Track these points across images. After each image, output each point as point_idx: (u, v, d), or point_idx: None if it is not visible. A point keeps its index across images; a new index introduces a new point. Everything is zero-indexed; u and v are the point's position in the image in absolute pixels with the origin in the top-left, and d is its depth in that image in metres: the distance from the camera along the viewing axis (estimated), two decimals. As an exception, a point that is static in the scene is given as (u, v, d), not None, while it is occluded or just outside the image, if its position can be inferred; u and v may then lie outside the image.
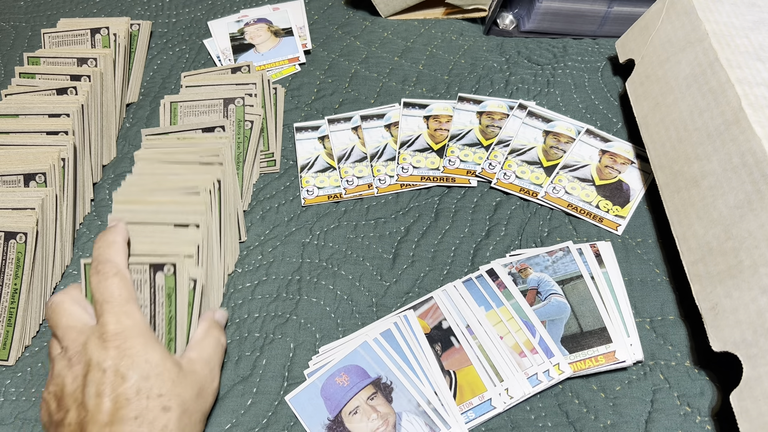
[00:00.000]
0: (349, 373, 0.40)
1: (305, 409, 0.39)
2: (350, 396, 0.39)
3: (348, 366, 0.40)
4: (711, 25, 0.43)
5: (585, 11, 0.56)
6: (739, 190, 0.36)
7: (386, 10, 0.62)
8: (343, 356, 0.40)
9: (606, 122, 0.52)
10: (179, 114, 0.51)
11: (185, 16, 0.64)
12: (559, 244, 0.44)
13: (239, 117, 0.49)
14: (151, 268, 0.39)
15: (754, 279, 0.34)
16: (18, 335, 0.42)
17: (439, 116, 0.53)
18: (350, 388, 0.39)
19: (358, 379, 0.39)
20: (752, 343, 0.33)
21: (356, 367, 0.40)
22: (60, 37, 0.57)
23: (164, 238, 0.40)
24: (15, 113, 0.49)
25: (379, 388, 0.39)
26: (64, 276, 0.46)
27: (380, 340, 0.41)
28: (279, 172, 0.51)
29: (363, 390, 0.39)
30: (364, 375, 0.39)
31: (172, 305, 0.39)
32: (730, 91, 0.39)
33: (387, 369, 0.40)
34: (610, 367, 0.39)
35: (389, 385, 0.39)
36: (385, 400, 0.38)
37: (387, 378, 0.39)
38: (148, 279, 0.39)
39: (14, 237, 0.42)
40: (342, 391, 0.39)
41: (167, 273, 0.39)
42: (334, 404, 0.39)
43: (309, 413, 0.39)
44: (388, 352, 0.40)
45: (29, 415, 0.40)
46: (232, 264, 0.46)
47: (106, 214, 0.49)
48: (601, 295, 0.41)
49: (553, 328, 0.40)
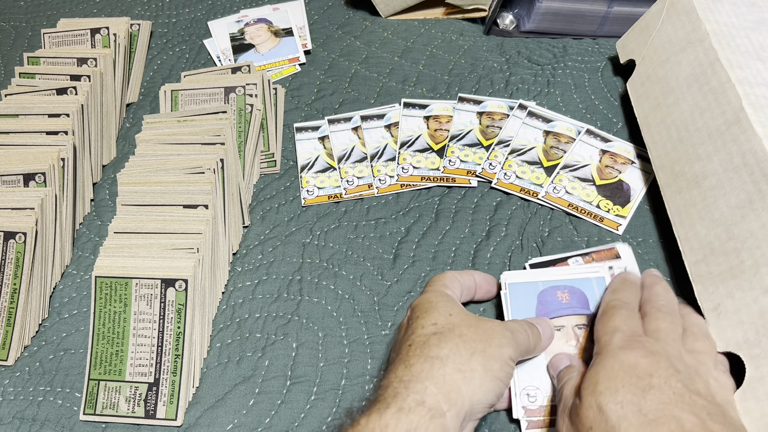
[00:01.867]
0: (573, 294, 0.40)
1: (515, 295, 0.40)
2: (563, 314, 0.39)
3: (574, 288, 0.40)
4: (711, 25, 0.43)
5: (585, 11, 0.56)
6: (741, 190, 0.36)
7: (386, 10, 0.62)
8: (575, 278, 0.40)
9: (606, 122, 0.52)
10: (180, 102, 0.51)
11: (185, 16, 0.64)
12: (591, 266, 0.43)
13: (240, 106, 0.49)
14: (162, 284, 0.39)
15: (756, 279, 0.34)
16: (17, 335, 0.42)
17: (440, 116, 0.53)
18: (568, 307, 0.39)
19: (578, 304, 0.39)
20: (755, 344, 0.33)
21: (581, 293, 0.40)
22: (60, 37, 0.57)
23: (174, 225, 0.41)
24: (15, 113, 0.49)
25: (590, 323, 0.38)
26: (63, 276, 0.46)
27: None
28: (279, 173, 0.51)
29: (577, 316, 0.39)
30: (585, 304, 0.40)
31: (182, 321, 0.39)
32: (730, 91, 0.39)
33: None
34: None
35: None
36: (588, 334, 0.38)
37: None
38: (159, 294, 0.39)
39: (13, 237, 0.42)
40: (558, 305, 0.39)
41: (179, 289, 0.39)
42: (544, 311, 0.39)
43: (517, 301, 0.40)
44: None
45: (27, 415, 0.40)
46: (236, 244, 0.46)
47: (106, 214, 0.49)
48: None
49: None
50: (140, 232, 0.42)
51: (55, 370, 0.42)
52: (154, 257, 0.41)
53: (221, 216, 0.44)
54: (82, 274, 0.46)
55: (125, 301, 0.40)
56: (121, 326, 0.40)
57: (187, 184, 0.43)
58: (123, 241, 0.42)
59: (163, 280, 0.40)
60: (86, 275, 0.46)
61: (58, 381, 0.41)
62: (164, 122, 0.48)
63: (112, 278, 0.40)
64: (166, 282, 0.40)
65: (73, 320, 0.44)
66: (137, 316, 0.40)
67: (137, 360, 0.39)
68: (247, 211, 0.48)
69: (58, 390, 0.41)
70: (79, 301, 0.45)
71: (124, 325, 0.40)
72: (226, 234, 0.45)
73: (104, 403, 0.39)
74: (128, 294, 0.40)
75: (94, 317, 0.40)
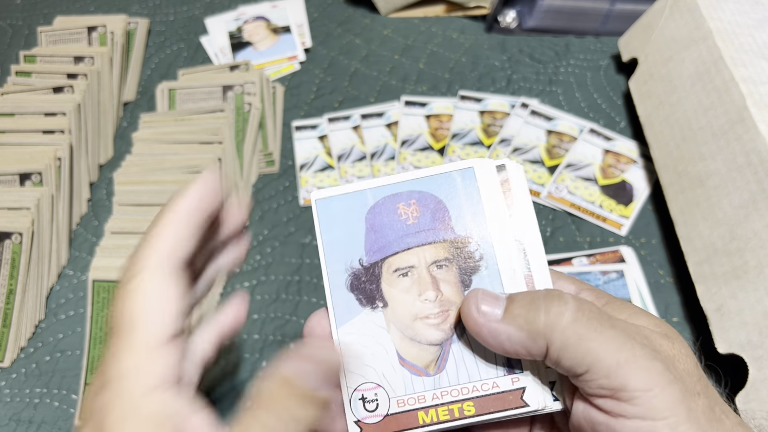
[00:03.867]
0: (424, 206, 0.24)
1: (329, 219, 0.24)
2: (411, 244, 0.23)
3: (425, 194, 0.24)
4: (715, 22, 0.42)
5: (587, 9, 0.56)
6: (744, 190, 0.36)
7: (386, 7, 0.61)
8: (422, 176, 0.24)
9: (609, 121, 0.52)
10: (177, 101, 0.50)
11: (183, 14, 0.63)
12: (614, 265, 0.42)
13: (238, 104, 0.49)
14: None
15: (759, 280, 0.34)
16: (13, 336, 0.41)
17: (440, 115, 0.53)
18: (417, 231, 0.23)
19: (434, 223, 0.24)
20: (758, 345, 0.33)
21: (438, 202, 0.24)
22: (56, 35, 0.56)
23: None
24: (11, 112, 0.49)
25: (458, 255, 0.23)
26: (60, 277, 0.46)
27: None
28: (278, 173, 0.51)
29: (433, 245, 0.23)
30: (445, 221, 0.24)
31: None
32: (734, 90, 0.38)
33: (486, 230, 0.23)
34: None
35: (476, 259, 0.23)
36: (458, 278, 0.23)
37: (479, 245, 0.23)
38: None
39: (9, 237, 0.42)
40: (401, 229, 0.24)
41: None
42: (379, 244, 0.24)
43: (334, 238, 0.24)
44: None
45: (24, 417, 0.39)
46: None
47: (103, 213, 0.49)
48: None
49: None
50: (137, 232, 0.42)
51: (52, 372, 0.41)
52: None
53: None
54: (78, 275, 0.46)
55: None
56: None
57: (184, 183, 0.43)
58: (120, 242, 0.42)
59: None
60: (83, 276, 0.45)
61: (55, 383, 0.41)
62: (161, 121, 0.47)
63: (110, 282, 0.40)
64: None
65: (69, 321, 0.43)
66: None
67: None
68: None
69: (55, 392, 0.40)
70: (75, 303, 0.44)
71: None
72: None
73: None
74: None
75: (91, 321, 0.40)
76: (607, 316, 0.21)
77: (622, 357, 0.20)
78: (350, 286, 0.24)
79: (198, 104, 0.50)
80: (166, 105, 0.50)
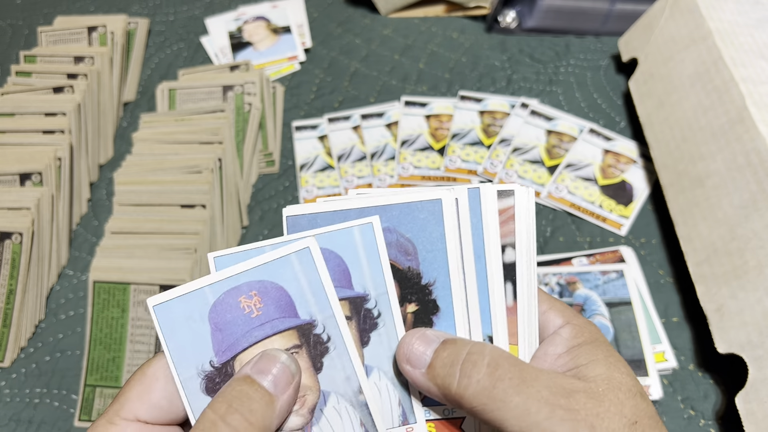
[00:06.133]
0: (265, 295, 0.23)
1: (175, 334, 0.22)
2: (258, 337, 0.23)
3: (266, 283, 0.23)
4: (715, 23, 0.42)
5: (587, 9, 0.56)
6: (744, 190, 0.36)
7: (386, 7, 0.61)
8: (261, 263, 0.23)
9: (609, 121, 0.52)
10: (177, 101, 0.50)
11: (183, 14, 0.63)
12: (614, 265, 0.42)
13: (238, 104, 0.49)
14: (161, 290, 0.39)
15: (759, 280, 0.34)
16: (13, 336, 0.42)
17: (440, 115, 0.53)
18: (261, 322, 0.23)
19: (278, 312, 0.23)
20: (758, 345, 0.33)
21: (279, 290, 0.23)
22: (57, 35, 0.56)
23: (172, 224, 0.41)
24: (11, 112, 0.49)
25: (306, 340, 0.23)
26: (60, 277, 0.46)
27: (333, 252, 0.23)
28: (278, 173, 0.51)
29: (281, 334, 0.23)
30: (289, 309, 0.23)
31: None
32: (734, 90, 0.38)
33: (329, 310, 0.23)
34: None
35: (324, 341, 0.23)
36: (310, 362, 0.23)
37: (324, 326, 0.23)
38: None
39: (10, 237, 0.42)
40: (246, 324, 0.23)
41: None
42: (227, 343, 0.23)
43: (181, 343, 0.22)
44: (342, 277, 0.23)
45: (24, 417, 0.39)
46: (234, 245, 0.45)
47: (103, 213, 0.49)
48: (648, 328, 0.40)
49: None
50: (137, 232, 0.42)
51: (52, 372, 0.41)
52: (151, 258, 0.40)
53: (219, 216, 0.44)
54: (78, 275, 0.46)
55: (123, 306, 0.40)
56: (119, 332, 0.40)
57: (184, 183, 0.43)
58: (120, 242, 0.42)
59: (161, 286, 0.39)
60: (83, 276, 0.45)
61: (55, 383, 0.41)
62: (162, 121, 0.47)
63: (110, 283, 0.40)
64: (165, 288, 0.39)
65: (69, 322, 0.43)
66: (135, 322, 0.39)
67: (134, 366, 0.39)
68: (245, 211, 0.47)
69: (55, 392, 0.40)
70: (75, 303, 0.44)
71: (121, 331, 0.40)
72: (224, 234, 0.44)
73: (100, 409, 0.39)
74: (126, 299, 0.40)
75: (91, 323, 0.40)
76: (519, 380, 0.21)
77: (524, 425, 0.21)
78: (206, 390, 0.23)
79: (198, 104, 0.50)
80: (166, 105, 0.50)
